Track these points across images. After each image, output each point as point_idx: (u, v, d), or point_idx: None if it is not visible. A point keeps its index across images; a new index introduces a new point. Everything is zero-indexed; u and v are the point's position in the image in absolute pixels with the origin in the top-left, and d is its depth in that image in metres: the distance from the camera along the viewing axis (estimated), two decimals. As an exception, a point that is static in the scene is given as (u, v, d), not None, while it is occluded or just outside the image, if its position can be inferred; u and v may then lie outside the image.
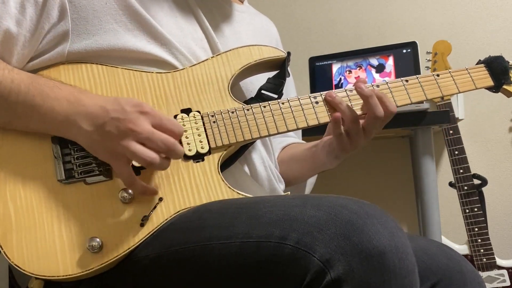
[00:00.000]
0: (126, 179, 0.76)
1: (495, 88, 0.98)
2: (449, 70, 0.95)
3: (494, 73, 0.97)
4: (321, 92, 0.91)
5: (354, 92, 0.90)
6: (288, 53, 0.95)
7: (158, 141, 0.74)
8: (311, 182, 1.14)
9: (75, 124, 0.76)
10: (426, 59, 1.70)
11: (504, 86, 0.98)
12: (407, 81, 0.93)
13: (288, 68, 0.97)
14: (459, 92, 0.95)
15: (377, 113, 0.88)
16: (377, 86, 0.92)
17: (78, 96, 0.77)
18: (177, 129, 0.77)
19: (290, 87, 1.16)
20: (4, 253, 0.74)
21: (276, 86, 0.94)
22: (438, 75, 0.94)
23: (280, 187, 1.00)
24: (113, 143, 0.74)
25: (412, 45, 1.63)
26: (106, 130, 0.74)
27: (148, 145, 0.74)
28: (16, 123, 0.79)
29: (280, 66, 0.95)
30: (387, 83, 0.92)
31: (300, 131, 1.19)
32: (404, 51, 1.66)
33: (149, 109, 0.75)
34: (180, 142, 0.83)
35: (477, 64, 0.99)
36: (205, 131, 0.84)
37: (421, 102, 0.95)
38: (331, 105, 0.89)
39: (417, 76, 0.94)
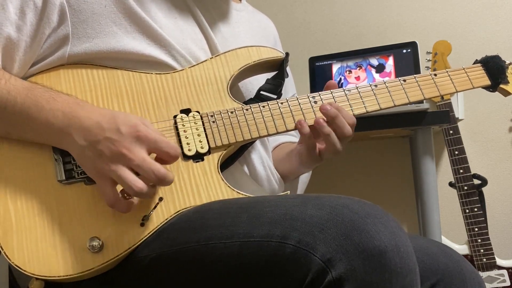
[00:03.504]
0: (108, 199, 0.74)
1: (492, 88, 0.99)
2: (447, 69, 0.96)
3: (491, 72, 0.98)
4: (319, 92, 0.91)
5: (354, 92, 0.91)
6: (287, 54, 0.95)
7: (149, 171, 0.72)
8: (303, 181, 1.14)
9: (68, 135, 0.75)
10: (426, 59, 1.70)
11: (501, 85, 0.99)
12: (404, 80, 0.94)
13: (287, 68, 0.97)
14: (457, 92, 0.95)
15: (345, 133, 0.88)
16: (375, 85, 0.92)
17: (74, 107, 0.76)
18: (173, 152, 0.75)
19: (289, 86, 1.17)
20: (5, 253, 0.74)
21: (275, 86, 0.94)
22: (435, 75, 0.95)
23: (279, 187, 1.00)
24: (103, 163, 0.72)
25: (412, 45, 1.63)
26: (98, 149, 0.73)
27: (139, 172, 0.73)
28: (13, 133, 0.79)
29: (278, 67, 0.95)
30: (385, 82, 0.93)
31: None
32: (404, 51, 1.66)
33: (145, 131, 0.73)
34: (180, 142, 0.83)
35: (474, 63, 0.99)
36: (205, 131, 0.85)
37: (420, 101, 0.96)
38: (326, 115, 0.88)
39: (414, 76, 0.94)
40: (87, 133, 0.74)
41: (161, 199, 0.79)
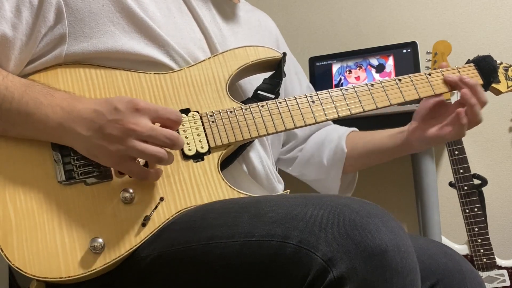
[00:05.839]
0: (139, 175, 0.77)
1: (484, 87, 1.01)
2: (440, 69, 0.98)
3: (483, 72, 1.00)
4: (317, 92, 0.92)
5: (351, 91, 0.92)
6: (284, 54, 0.95)
7: (162, 137, 0.74)
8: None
9: (70, 130, 0.75)
10: (426, 59, 1.70)
11: (493, 85, 1.01)
12: (400, 80, 0.95)
13: (289, 64, 0.97)
14: (451, 91, 0.97)
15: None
16: (372, 85, 0.93)
17: (71, 102, 0.77)
18: (174, 116, 0.77)
19: (302, 77, 1.18)
20: (5, 255, 0.73)
21: (272, 86, 0.94)
22: (429, 74, 0.97)
23: (279, 187, 1.01)
24: (116, 145, 0.73)
25: (412, 45, 1.64)
26: (106, 133, 0.73)
27: (151, 142, 0.74)
28: (11, 131, 0.78)
29: (276, 67, 0.96)
30: (381, 82, 0.94)
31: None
32: (404, 51, 1.66)
33: (143, 104, 0.75)
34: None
35: (466, 63, 1.01)
36: (204, 130, 0.85)
37: (416, 101, 0.97)
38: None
39: (409, 75, 0.96)
40: (88, 123, 0.74)
41: (162, 199, 0.79)
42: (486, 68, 0.99)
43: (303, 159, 1.11)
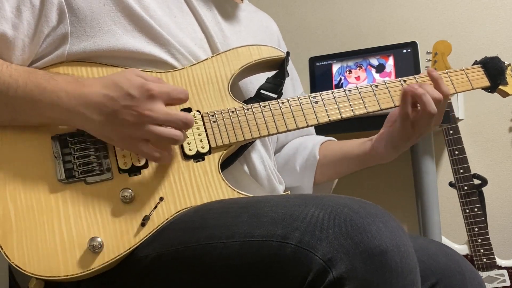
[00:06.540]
0: (153, 157, 0.77)
1: (491, 89, 0.99)
2: (447, 70, 0.96)
3: (490, 73, 0.98)
4: (320, 92, 0.91)
5: (354, 92, 0.91)
6: (287, 53, 0.95)
7: (177, 121, 0.76)
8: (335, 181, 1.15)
9: (79, 114, 0.75)
10: (426, 59, 1.70)
11: (500, 87, 0.99)
12: (405, 81, 0.94)
13: (288, 67, 0.97)
14: (456, 92, 0.95)
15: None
16: (376, 86, 0.92)
17: (77, 86, 0.77)
18: (184, 96, 0.79)
19: (297, 85, 1.17)
20: (4, 253, 0.73)
21: (275, 86, 0.94)
22: None
23: (279, 187, 1.00)
24: (131, 130, 0.75)
25: (412, 45, 1.63)
26: (120, 118, 0.74)
27: (167, 125, 0.76)
28: (18, 119, 0.79)
29: (279, 66, 0.95)
30: (385, 83, 0.93)
31: (313, 129, 1.19)
32: (404, 51, 1.66)
33: (156, 89, 0.75)
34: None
35: (473, 64, 0.99)
36: (206, 130, 0.84)
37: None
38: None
39: (414, 76, 0.94)
40: (99, 108, 0.75)
41: (161, 199, 0.79)
42: (493, 69, 0.97)
43: (279, 165, 1.11)
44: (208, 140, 0.84)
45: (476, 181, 1.64)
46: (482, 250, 1.62)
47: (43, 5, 0.81)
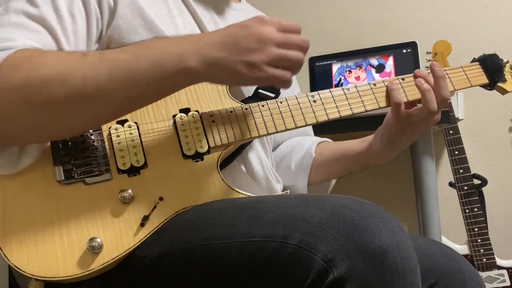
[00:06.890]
0: (284, 78, 0.76)
1: (490, 86, 0.99)
2: (445, 68, 0.95)
3: (489, 71, 0.98)
4: (318, 91, 0.91)
5: (353, 90, 0.91)
6: None
7: (296, 41, 0.77)
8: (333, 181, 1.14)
9: (205, 58, 0.73)
10: (426, 59, 1.70)
11: (499, 84, 0.99)
12: (403, 79, 0.93)
13: None
14: (455, 90, 0.95)
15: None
16: (374, 84, 0.92)
17: (192, 38, 0.76)
18: (296, 27, 0.79)
19: (293, 85, 1.17)
20: (4, 254, 0.73)
21: None
22: None
23: (277, 187, 1.00)
24: (257, 55, 0.73)
25: (412, 45, 1.64)
26: (243, 47, 0.73)
27: (288, 48, 0.76)
28: (150, 93, 0.76)
29: None
30: (383, 81, 0.93)
31: (312, 131, 1.18)
32: (404, 51, 1.66)
33: (266, 17, 0.77)
34: (179, 142, 0.82)
35: (471, 62, 0.99)
36: (204, 130, 0.84)
37: (419, 100, 0.95)
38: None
39: (413, 74, 0.94)
40: (222, 45, 0.73)
41: (161, 199, 0.79)
42: (492, 66, 0.97)
43: (274, 162, 1.10)
44: (207, 140, 0.84)
45: (476, 181, 1.64)
46: (482, 250, 1.62)
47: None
